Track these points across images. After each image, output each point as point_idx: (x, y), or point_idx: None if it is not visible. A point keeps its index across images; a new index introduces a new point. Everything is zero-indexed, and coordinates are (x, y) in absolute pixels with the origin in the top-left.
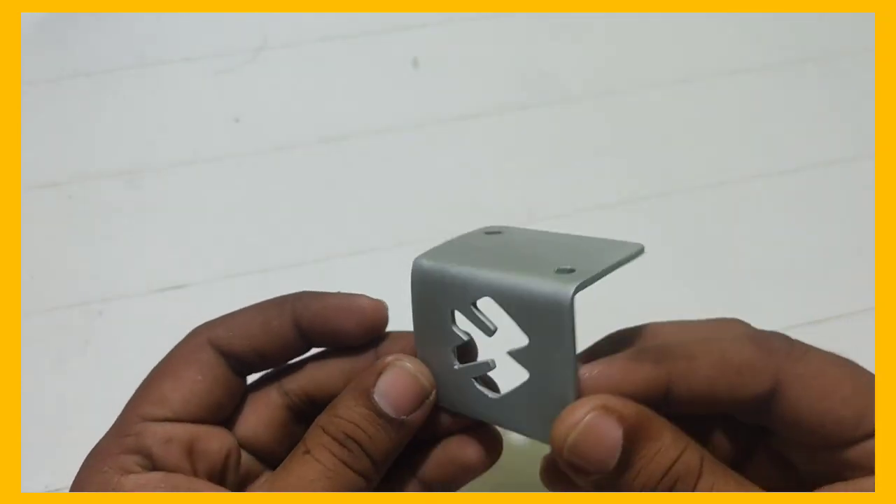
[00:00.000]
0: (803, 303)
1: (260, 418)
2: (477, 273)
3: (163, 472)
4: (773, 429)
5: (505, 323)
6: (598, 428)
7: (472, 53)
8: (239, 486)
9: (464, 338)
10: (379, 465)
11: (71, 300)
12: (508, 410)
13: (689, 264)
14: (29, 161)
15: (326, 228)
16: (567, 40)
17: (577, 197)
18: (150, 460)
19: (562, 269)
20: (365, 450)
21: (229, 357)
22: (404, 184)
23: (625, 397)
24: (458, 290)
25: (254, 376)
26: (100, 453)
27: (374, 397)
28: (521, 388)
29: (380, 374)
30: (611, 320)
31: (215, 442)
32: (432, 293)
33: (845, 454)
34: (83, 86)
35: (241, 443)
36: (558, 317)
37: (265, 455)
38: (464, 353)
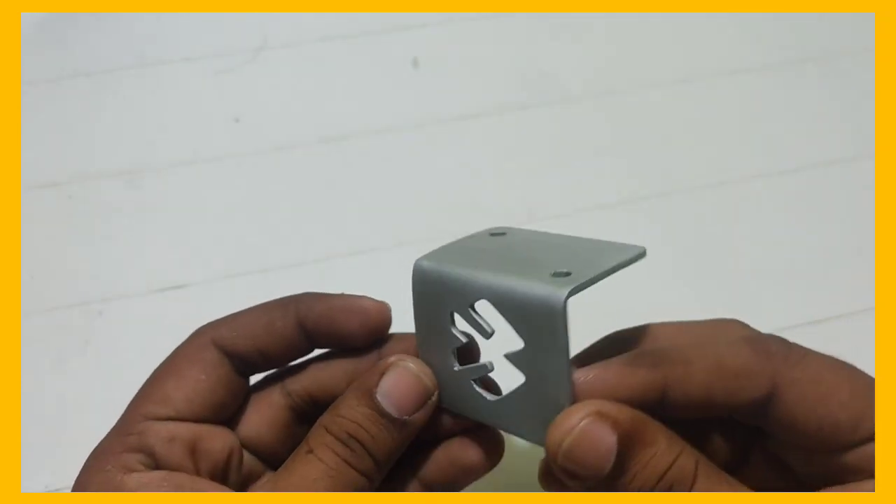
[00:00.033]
0: (803, 303)
1: (263, 418)
2: (475, 275)
3: (165, 471)
4: (770, 432)
5: (504, 325)
6: (592, 434)
7: (472, 53)
8: (241, 486)
9: (463, 339)
10: (381, 465)
11: (71, 300)
12: (506, 413)
13: (689, 264)
14: (29, 161)
15: (326, 228)
16: (567, 40)
17: (577, 197)
18: (152, 459)
19: (558, 273)
20: (367, 450)
21: (233, 357)
22: (404, 184)
23: (620, 402)
24: (457, 292)
25: (257, 376)
26: (102, 452)
27: (377, 397)
28: (518, 392)
29: (383, 374)
30: (610, 320)
31: (218, 441)
32: (432, 295)
33: (843, 458)
34: (83, 86)
35: (243, 443)
36: (552, 320)
37: (267, 455)
38: (465, 355)
